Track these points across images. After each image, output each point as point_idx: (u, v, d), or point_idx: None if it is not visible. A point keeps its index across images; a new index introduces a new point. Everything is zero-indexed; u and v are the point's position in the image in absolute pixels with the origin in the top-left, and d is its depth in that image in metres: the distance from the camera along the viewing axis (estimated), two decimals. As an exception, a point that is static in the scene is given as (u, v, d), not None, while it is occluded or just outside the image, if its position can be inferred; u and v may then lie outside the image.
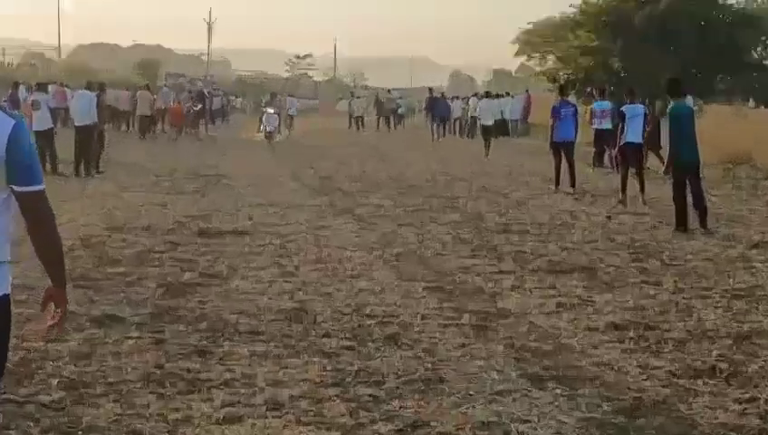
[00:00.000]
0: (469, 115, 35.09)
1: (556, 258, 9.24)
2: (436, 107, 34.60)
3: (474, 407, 4.78)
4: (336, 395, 4.91)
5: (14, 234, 3.09)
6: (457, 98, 41.30)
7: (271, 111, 30.53)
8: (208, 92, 41.74)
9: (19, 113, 3.20)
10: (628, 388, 5.13)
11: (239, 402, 4.80)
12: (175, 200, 13.58)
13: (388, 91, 49.75)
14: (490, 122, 26.76)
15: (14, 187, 3.00)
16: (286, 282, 7.85)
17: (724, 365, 5.55)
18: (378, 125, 42.49)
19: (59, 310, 3.21)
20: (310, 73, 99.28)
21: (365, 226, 11.42)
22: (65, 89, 29.47)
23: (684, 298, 7.46)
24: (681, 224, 11.08)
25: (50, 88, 23.82)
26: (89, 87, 19.05)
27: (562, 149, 15.92)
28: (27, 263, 4.80)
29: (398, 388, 5.07)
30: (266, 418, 4.59)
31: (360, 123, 41.68)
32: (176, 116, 31.67)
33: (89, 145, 17.32)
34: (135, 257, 8.86)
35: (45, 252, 3.14)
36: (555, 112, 16.03)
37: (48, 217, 3.11)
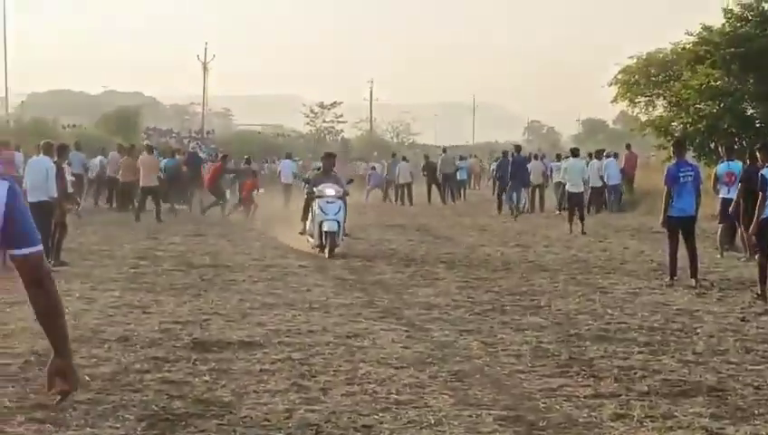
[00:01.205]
0: (554, 181, 35.32)
1: (673, 376, 9.19)
2: (519, 171, 34.78)
3: None
4: None
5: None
6: (535, 157, 41.47)
7: (331, 192, 21.06)
8: (211, 155, 42.76)
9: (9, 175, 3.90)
10: None
11: None
12: (161, 301, 13.71)
13: (443, 149, 50.03)
14: (578, 189, 26.93)
15: (13, 251, 3.65)
16: (310, 411, 7.88)
17: None
18: (429, 197, 42.69)
19: (65, 387, 3.72)
20: (338, 127, 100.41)
21: (414, 332, 11.44)
22: (14, 152, 28.77)
23: None
24: None
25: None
26: (46, 150, 18.74)
27: (680, 226, 15.91)
28: None
29: None
30: None
31: (406, 194, 41.91)
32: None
33: (45, 228, 17.52)
34: (108, 379, 8.93)
35: (51, 318, 3.71)
36: (670, 177, 15.97)
37: (50, 278, 3.73)
